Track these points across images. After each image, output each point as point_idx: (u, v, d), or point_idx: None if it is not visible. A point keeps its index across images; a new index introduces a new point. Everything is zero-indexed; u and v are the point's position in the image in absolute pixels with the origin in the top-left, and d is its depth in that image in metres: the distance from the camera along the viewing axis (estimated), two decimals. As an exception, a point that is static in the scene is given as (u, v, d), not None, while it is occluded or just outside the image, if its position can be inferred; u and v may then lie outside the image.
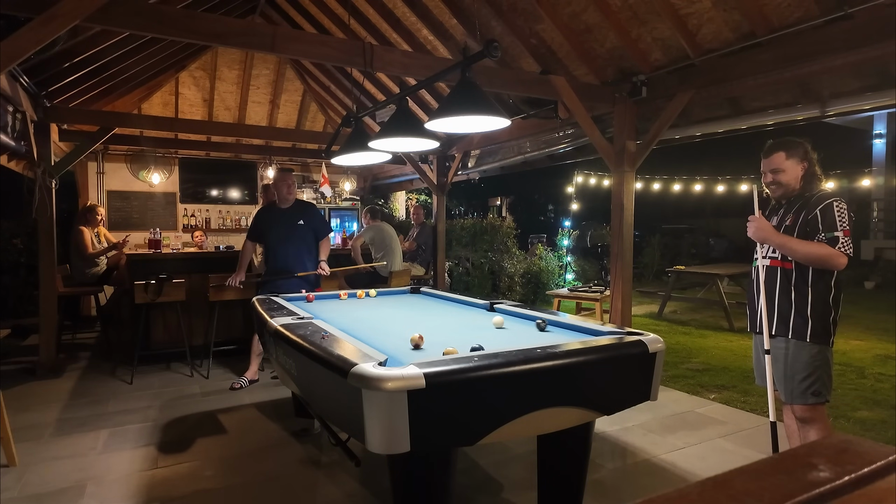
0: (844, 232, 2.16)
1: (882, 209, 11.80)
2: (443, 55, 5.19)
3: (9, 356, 5.47)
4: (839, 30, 3.11)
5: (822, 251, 2.16)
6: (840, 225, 2.16)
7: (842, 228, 2.16)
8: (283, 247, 4.29)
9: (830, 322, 2.26)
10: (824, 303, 2.25)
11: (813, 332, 2.25)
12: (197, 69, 7.27)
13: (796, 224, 2.27)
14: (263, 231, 4.36)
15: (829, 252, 2.14)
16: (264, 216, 4.45)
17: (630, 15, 3.83)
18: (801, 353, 2.27)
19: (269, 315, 2.72)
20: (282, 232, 4.30)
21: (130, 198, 8.28)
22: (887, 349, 5.62)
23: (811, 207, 2.24)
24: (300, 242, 4.34)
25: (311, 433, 3.41)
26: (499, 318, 2.72)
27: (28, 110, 4.64)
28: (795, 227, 2.27)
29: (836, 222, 2.17)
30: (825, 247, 2.15)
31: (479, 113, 2.43)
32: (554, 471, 2.32)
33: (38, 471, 2.93)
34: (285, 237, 4.30)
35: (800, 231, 2.25)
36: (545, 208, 22.88)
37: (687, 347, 5.75)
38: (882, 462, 0.56)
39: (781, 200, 2.42)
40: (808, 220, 2.23)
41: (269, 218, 4.39)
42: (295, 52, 3.56)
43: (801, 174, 2.34)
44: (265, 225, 4.36)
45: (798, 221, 2.27)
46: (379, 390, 1.57)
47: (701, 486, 0.53)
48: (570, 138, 5.42)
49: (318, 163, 8.77)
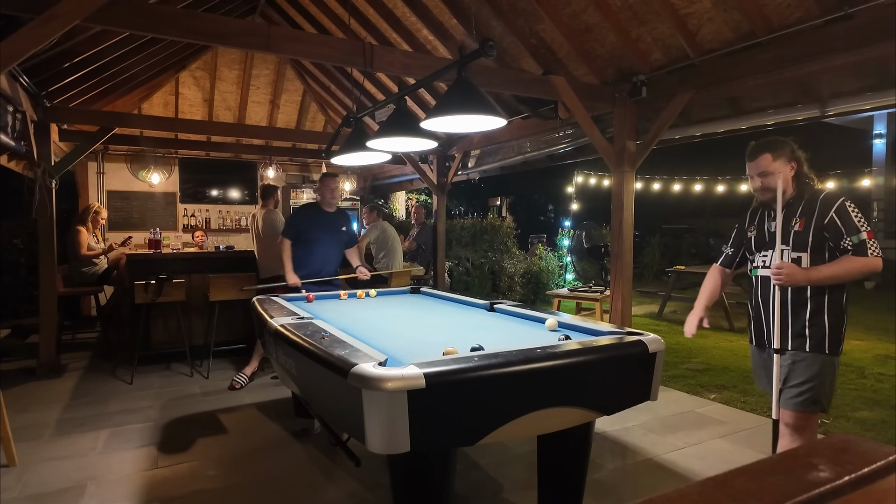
0: (868, 234, 2.07)
1: (882, 209, 11.80)
2: (443, 55, 5.19)
3: (9, 356, 5.47)
4: (839, 30, 3.10)
5: (857, 265, 2.06)
6: (862, 226, 2.07)
7: (865, 229, 2.07)
8: (323, 249, 4.26)
9: (843, 330, 2.18)
10: (840, 310, 2.16)
11: (830, 342, 2.15)
12: (197, 69, 7.27)
13: (809, 228, 2.14)
14: (306, 230, 4.25)
15: (864, 263, 2.05)
16: (308, 215, 4.35)
17: (630, 15, 3.83)
18: (814, 363, 2.16)
19: (269, 315, 2.72)
20: (325, 235, 4.28)
21: (130, 198, 8.28)
22: (887, 349, 5.62)
23: (822, 210, 2.12)
24: (340, 247, 4.41)
25: (311, 433, 3.40)
26: (552, 321, 2.59)
27: (28, 110, 4.64)
28: (809, 232, 2.14)
29: (857, 224, 2.07)
30: (858, 259, 2.05)
31: (476, 112, 2.43)
32: (554, 471, 2.32)
33: (38, 471, 2.93)
34: (328, 240, 4.29)
35: (815, 236, 2.13)
36: (545, 208, 22.90)
37: (687, 347, 5.75)
38: (882, 462, 0.56)
39: (772, 205, 2.28)
40: (826, 226, 2.11)
41: (313, 218, 4.30)
42: (295, 52, 3.56)
43: (792, 175, 2.23)
44: (308, 224, 4.27)
45: (811, 226, 2.14)
46: (379, 390, 1.57)
47: (701, 486, 0.53)
48: (570, 138, 5.41)
49: (318, 163, 8.77)
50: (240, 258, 5.58)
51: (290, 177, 9.48)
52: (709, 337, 6.33)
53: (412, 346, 2.28)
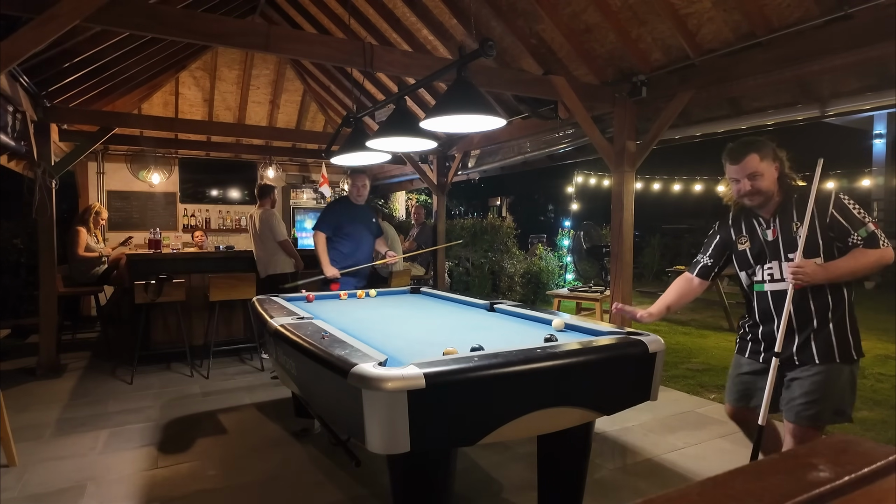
0: (874, 224, 1.97)
1: (882, 209, 11.79)
2: (443, 55, 5.19)
3: (9, 356, 5.47)
4: (839, 30, 3.10)
5: (873, 258, 1.94)
6: (865, 218, 1.97)
7: (870, 220, 1.97)
8: (359, 241, 4.40)
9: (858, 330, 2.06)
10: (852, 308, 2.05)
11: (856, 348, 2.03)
12: (197, 69, 7.27)
13: (815, 231, 2.01)
14: (342, 224, 4.35)
15: (879, 255, 1.94)
16: (342, 209, 4.45)
17: (630, 15, 3.83)
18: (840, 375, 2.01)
19: (269, 315, 2.72)
20: (360, 227, 4.42)
21: (130, 198, 8.28)
22: (887, 349, 5.62)
23: (820, 209, 2.00)
24: (372, 238, 4.55)
25: (311, 433, 3.40)
26: (559, 321, 2.56)
27: (28, 110, 4.64)
28: (816, 234, 2.01)
29: (860, 217, 1.97)
30: (872, 252, 1.94)
31: (475, 112, 2.43)
32: (554, 471, 2.32)
33: (38, 471, 2.93)
34: (363, 232, 4.44)
35: (824, 239, 2.00)
36: (545, 208, 22.89)
37: (687, 347, 5.75)
38: (882, 462, 0.56)
39: (757, 210, 2.15)
40: (829, 225, 1.99)
41: (348, 212, 4.41)
42: (295, 52, 3.56)
43: (777, 176, 2.09)
44: (344, 219, 4.37)
45: (816, 228, 2.01)
46: (379, 390, 1.57)
47: (701, 486, 0.53)
48: (570, 138, 5.41)
49: (318, 163, 8.77)
50: (240, 258, 5.58)
51: (290, 177, 9.48)
52: (709, 337, 6.33)
53: (412, 346, 2.28)
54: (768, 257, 2.12)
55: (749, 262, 2.19)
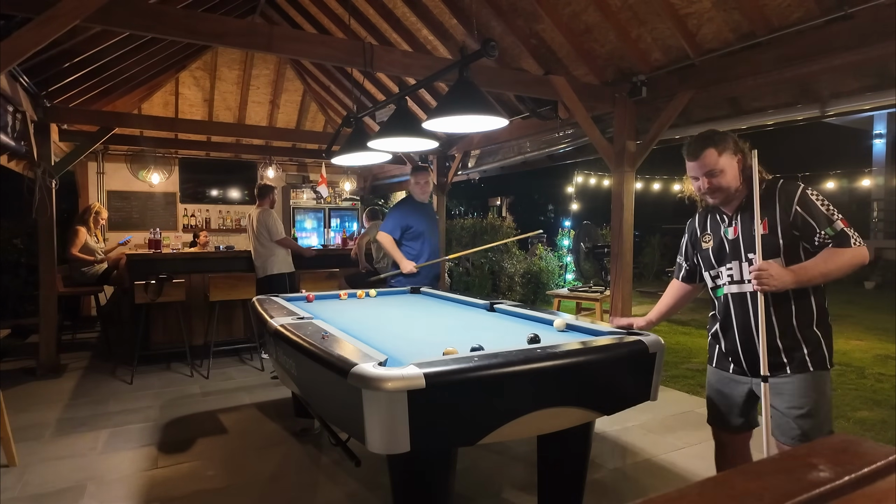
0: (843, 221, 1.78)
1: (882, 209, 11.80)
2: (443, 55, 5.19)
3: (9, 356, 5.47)
4: (839, 30, 3.10)
5: (845, 258, 1.76)
6: (833, 214, 1.79)
7: (838, 218, 1.78)
8: (429, 238, 4.40)
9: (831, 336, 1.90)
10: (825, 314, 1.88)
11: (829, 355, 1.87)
12: (197, 69, 7.27)
13: (776, 228, 1.84)
14: (412, 225, 4.32)
15: (851, 255, 1.76)
16: (409, 209, 4.41)
17: (630, 15, 3.83)
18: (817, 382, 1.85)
19: (269, 315, 2.72)
20: (430, 224, 4.45)
21: (130, 198, 8.28)
22: (887, 349, 5.62)
23: (784, 204, 1.83)
24: (438, 235, 4.65)
25: (311, 433, 3.41)
26: (560, 321, 2.54)
27: (28, 110, 4.64)
28: (777, 233, 1.84)
29: (828, 213, 1.79)
30: (844, 251, 1.76)
31: (477, 112, 2.43)
32: (554, 471, 2.32)
33: (38, 471, 2.93)
34: (432, 229, 4.47)
35: (785, 236, 1.83)
36: (545, 208, 22.87)
37: (687, 347, 5.75)
38: (882, 462, 0.56)
39: (722, 207, 2.00)
40: (792, 223, 1.82)
41: (415, 212, 4.39)
42: (295, 52, 3.56)
43: (740, 169, 1.92)
44: (414, 220, 4.34)
45: (777, 224, 1.84)
46: (379, 390, 1.57)
47: (701, 486, 0.53)
48: (570, 138, 5.41)
49: (318, 163, 8.77)
50: (240, 258, 5.58)
51: (290, 177, 9.48)
52: (709, 337, 6.33)
53: (412, 346, 2.28)
54: (729, 257, 1.97)
55: (711, 262, 2.03)
